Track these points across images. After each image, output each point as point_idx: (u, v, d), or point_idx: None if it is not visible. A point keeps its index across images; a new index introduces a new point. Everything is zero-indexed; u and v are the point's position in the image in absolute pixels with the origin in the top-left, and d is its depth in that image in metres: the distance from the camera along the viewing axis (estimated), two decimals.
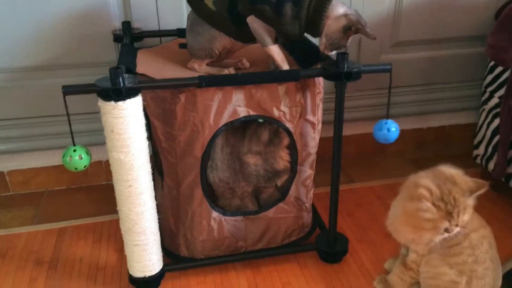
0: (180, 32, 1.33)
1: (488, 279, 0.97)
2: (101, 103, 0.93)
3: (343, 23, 1.03)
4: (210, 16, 1.07)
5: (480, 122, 1.51)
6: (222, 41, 1.10)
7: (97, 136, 1.37)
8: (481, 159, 1.50)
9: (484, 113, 1.48)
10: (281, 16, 1.02)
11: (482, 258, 0.96)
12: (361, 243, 1.30)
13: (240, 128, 1.18)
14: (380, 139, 1.10)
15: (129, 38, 1.31)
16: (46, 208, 1.47)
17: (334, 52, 1.08)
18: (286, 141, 1.17)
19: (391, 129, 1.08)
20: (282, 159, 1.19)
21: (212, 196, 1.20)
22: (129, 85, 0.93)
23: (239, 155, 1.19)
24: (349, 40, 1.06)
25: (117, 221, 1.09)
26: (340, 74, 1.02)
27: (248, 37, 1.09)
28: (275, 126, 1.15)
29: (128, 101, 0.93)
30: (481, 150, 1.50)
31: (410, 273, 1.06)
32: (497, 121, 1.40)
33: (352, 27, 1.03)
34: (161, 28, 1.39)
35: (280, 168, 1.20)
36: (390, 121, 1.10)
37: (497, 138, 1.40)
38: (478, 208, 1.00)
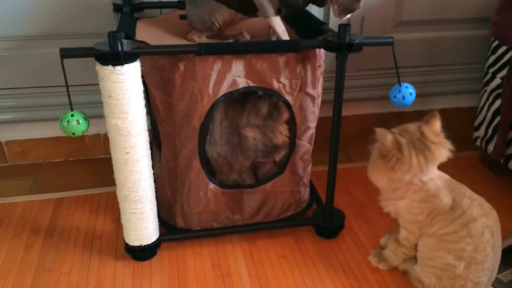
0: (180, 4, 1.32)
1: (488, 264, 0.96)
2: (99, 67, 0.93)
3: None
4: None
5: (481, 104, 1.50)
6: (223, 13, 1.09)
7: (95, 109, 1.35)
8: (481, 141, 1.49)
9: (486, 95, 1.47)
10: None
11: (481, 247, 0.95)
12: (357, 220, 1.30)
13: (239, 101, 1.17)
14: (398, 104, 1.09)
15: (129, 8, 1.29)
16: (44, 179, 1.47)
17: (349, 15, 1.08)
18: (285, 115, 1.16)
19: (407, 94, 1.08)
20: (281, 133, 1.19)
21: (211, 171, 1.20)
22: (128, 49, 0.92)
23: (238, 128, 1.18)
24: (361, 1, 1.06)
25: (114, 194, 1.08)
26: (342, 45, 1.01)
27: (250, 8, 1.08)
28: (274, 99, 1.14)
29: (126, 66, 0.92)
30: (481, 132, 1.49)
31: (403, 249, 1.07)
32: (498, 103, 1.39)
33: None
34: None
35: (278, 143, 1.19)
36: (405, 84, 1.09)
37: (497, 119, 1.39)
38: (478, 190, 1.01)
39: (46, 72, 1.40)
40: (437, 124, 0.99)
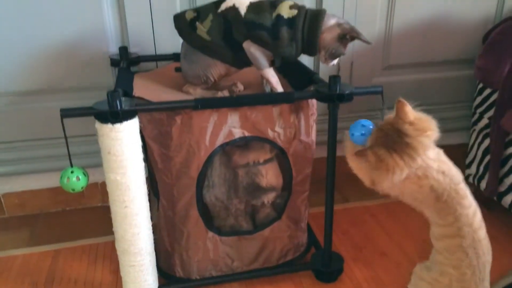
0: (176, 57, 1.37)
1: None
2: (99, 125, 0.95)
3: (337, 32, 1.05)
4: (205, 46, 1.09)
5: (471, 142, 1.54)
6: (217, 68, 1.13)
7: (92, 159, 1.38)
8: (473, 179, 1.52)
9: (475, 134, 1.51)
10: (278, 40, 1.05)
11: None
12: (356, 262, 1.31)
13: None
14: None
15: (126, 62, 1.33)
16: (42, 230, 1.47)
17: (336, 61, 1.10)
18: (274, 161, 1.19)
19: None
20: (263, 176, 1.20)
21: (208, 217, 1.21)
22: (126, 107, 0.95)
23: (233, 166, 1.20)
24: (347, 48, 1.08)
25: (112, 243, 1.09)
26: (333, 96, 1.05)
27: (243, 62, 1.12)
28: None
29: (125, 123, 0.95)
30: (473, 169, 1.52)
31: None
32: (487, 141, 1.43)
33: (347, 35, 1.05)
34: (157, 53, 1.42)
35: (263, 185, 1.21)
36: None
37: (488, 157, 1.43)
38: None
39: (44, 125, 1.43)
40: (407, 111, 0.96)
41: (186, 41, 1.13)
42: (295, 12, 1.05)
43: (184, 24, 1.11)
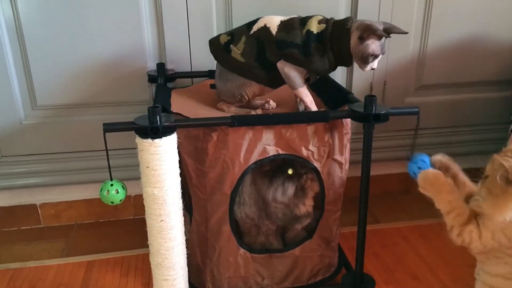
0: (211, 73, 1.39)
1: None
2: (139, 140, 0.98)
3: (357, 35, 1.04)
4: (239, 68, 1.12)
5: None
6: (252, 87, 1.15)
7: (126, 172, 1.40)
8: None
9: None
10: (310, 56, 1.06)
11: None
12: (387, 285, 1.29)
13: (268, 174, 1.19)
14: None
15: (163, 78, 1.37)
16: (76, 241, 1.50)
17: (370, 66, 1.06)
18: (311, 194, 1.19)
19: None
20: (304, 204, 1.20)
21: (239, 233, 1.22)
22: (166, 123, 0.98)
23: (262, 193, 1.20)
24: (373, 47, 1.03)
25: (144, 255, 1.11)
26: (369, 116, 1.05)
27: (278, 81, 1.13)
28: (302, 181, 1.16)
29: (164, 138, 0.97)
30: None
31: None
32: None
33: (364, 34, 1.02)
34: (193, 70, 1.46)
35: (300, 214, 1.21)
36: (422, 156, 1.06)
37: None
38: None
39: (82, 138, 1.47)
40: None
41: (222, 64, 1.16)
42: (323, 26, 1.06)
43: (218, 48, 1.14)
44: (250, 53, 1.10)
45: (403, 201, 1.71)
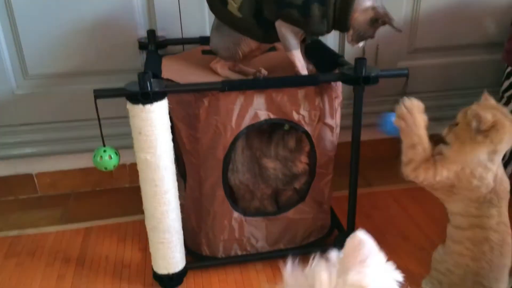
0: (202, 40, 1.39)
1: (482, 279, 0.98)
2: (130, 106, 0.98)
3: (370, 15, 1.04)
4: (236, 23, 1.10)
5: None
6: (247, 44, 1.13)
7: (120, 140, 1.41)
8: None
9: None
10: (309, 17, 1.05)
11: (477, 257, 0.97)
12: (379, 245, 1.32)
13: (263, 133, 1.22)
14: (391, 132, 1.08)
15: (154, 45, 1.36)
16: (73, 209, 1.52)
17: (362, 43, 1.10)
18: (307, 147, 1.21)
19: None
20: (301, 162, 1.23)
21: (233, 198, 1.24)
22: (156, 89, 0.98)
23: (258, 159, 1.22)
24: (376, 32, 1.07)
25: (140, 222, 1.13)
26: (359, 79, 1.06)
27: (274, 38, 1.12)
28: (299, 133, 1.18)
29: (155, 104, 0.98)
30: None
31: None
32: None
33: (379, 20, 1.04)
34: (184, 36, 1.44)
35: (298, 172, 1.23)
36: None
37: None
38: None
39: (75, 107, 1.47)
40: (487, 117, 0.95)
41: (216, 16, 1.13)
42: None
43: None
44: (248, 9, 1.08)
45: (395, 164, 1.73)
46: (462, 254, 0.99)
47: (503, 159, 1.38)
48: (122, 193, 1.60)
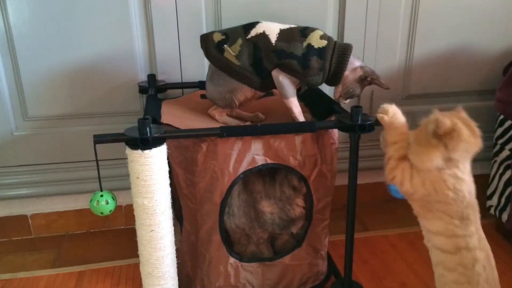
0: (201, 84, 1.41)
1: None
2: (129, 151, 0.99)
3: (359, 74, 1.13)
4: (233, 71, 1.12)
5: (492, 173, 1.53)
6: (243, 92, 1.16)
7: (116, 182, 1.41)
8: (495, 210, 1.51)
9: (496, 165, 1.51)
10: (308, 69, 1.09)
11: (475, 280, 0.93)
12: None
13: (266, 175, 1.22)
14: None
15: (154, 89, 1.39)
16: (66, 251, 1.50)
17: (347, 100, 1.18)
18: (304, 188, 1.21)
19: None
20: (298, 205, 1.23)
21: (229, 242, 1.23)
22: (156, 134, 0.99)
23: (255, 203, 1.22)
24: (363, 90, 1.16)
25: (134, 265, 1.12)
26: (355, 126, 1.07)
27: (270, 86, 1.15)
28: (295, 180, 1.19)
29: (154, 149, 0.99)
30: (494, 201, 1.51)
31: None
32: (509, 173, 1.43)
33: (368, 77, 1.13)
34: (183, 81, 1.47)
35: (295, 215, 1.23)
36: None
37: (509, 189, 1.42)
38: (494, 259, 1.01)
39: (73, 149, 1.48)
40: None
41: (212, 62, 1.15)
42: (325, 42, 1.10)
43: (211, 45, 1.13)
44: (246, 58, 1.11)
45: (391, 209, 1.73)
46: (459, 282, 0.96)
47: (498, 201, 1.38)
48: (117, 235, 1.58)
